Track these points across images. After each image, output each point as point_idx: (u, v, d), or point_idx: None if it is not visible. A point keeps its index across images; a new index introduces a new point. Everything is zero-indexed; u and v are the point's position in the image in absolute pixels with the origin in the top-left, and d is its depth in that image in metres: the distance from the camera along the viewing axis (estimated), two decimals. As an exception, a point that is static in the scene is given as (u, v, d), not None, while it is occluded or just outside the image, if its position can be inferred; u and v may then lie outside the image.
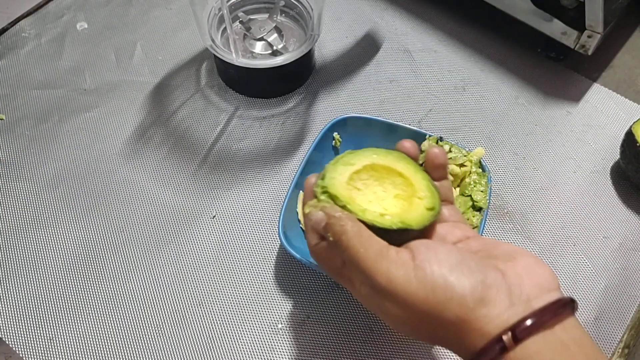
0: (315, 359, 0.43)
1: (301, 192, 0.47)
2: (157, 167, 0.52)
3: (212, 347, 0.43)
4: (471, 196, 0.46)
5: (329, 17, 0.63)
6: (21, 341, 0.43)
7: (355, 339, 0.44)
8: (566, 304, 0.28)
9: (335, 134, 0.50)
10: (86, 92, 0.57)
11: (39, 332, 0.44)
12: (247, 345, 0.44)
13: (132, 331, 0.44)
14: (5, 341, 0.43)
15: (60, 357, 0.43)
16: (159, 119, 0.56)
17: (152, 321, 0.44)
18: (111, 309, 0.45)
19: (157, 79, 0.58)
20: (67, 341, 0.44)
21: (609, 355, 0.44)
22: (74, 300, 0.45)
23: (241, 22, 0.56)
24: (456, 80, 0.59)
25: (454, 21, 0.63)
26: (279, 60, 0.52)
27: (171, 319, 0.45)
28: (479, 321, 0.28)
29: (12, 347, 0.43)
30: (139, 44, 0.61)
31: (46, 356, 0.43)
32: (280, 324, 0.45)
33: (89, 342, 0.44)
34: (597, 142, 0.55)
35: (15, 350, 0.43)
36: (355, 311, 0.45)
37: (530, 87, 0.58)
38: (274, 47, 0.55)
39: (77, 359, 0.43)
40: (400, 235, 0.32)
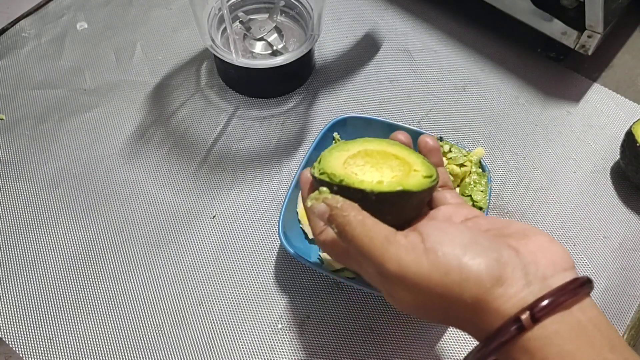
0: (315, 359, 0.43)
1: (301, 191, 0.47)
2: (157, 167, 0.52)
3: (212, 347, 0.43)
4: (471, 196, 0.46)
5: (329, 17, 0.63)
6: (21, 341, 0.43)
7: (355, 339, 0.44)
8: (583, 283, 0.27)
9: (335, 134, 0.50)
10: (86, 92, 0.57)
11: (39, 332, 0.44)
12: (247, 345, 0.44)
13: (132, 331, 0.44)
14: (5, 341, 0.43)
15: (60, 357, 0.43)
16: (159, 119, 0.56)
17: (152, 321, 0.44)
18: (111, 309, 0.45)
19: (157, 79, 0.58)
20: (67, 341, 0.44)
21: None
22: (74, 300, 0.45)
23: (241, 22, 0.56)
24: (456, 80, 0.59)
25: (454, 21, 0.63)
26: (279, 60, 0.52)
27: (171, 319, 0.45)
28: (496, 301, 0.27)
29: (12, 347, 0.43)
30: (139, 44, 0.61)
31: (46, 356, 0.43)
32: (280, 324, 0.45)
33: (89, 342, 0.44)
34: (597, 142, 0.55)
35: (15, 350, 0.43)
36: (355, 311, 0.45)
37: (530, 87, 0.58)
38: (274, 47, 0.55)
39: (77, 359, 0.43)
40: (400, 200, 0.31)
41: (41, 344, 0.43)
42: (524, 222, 0.49)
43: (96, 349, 0.43)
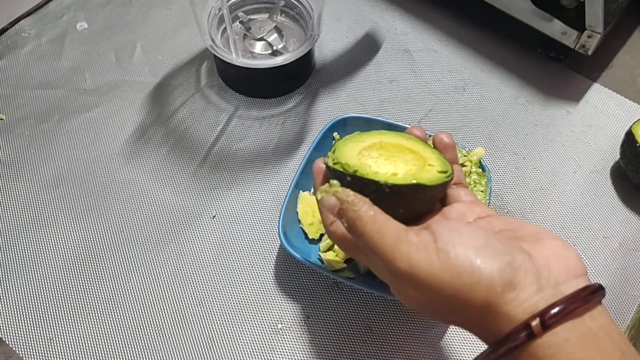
0: (315, 359, 0.43)
1: (301, 192, 0.47)
2: (157, 167, 0.52)
3: (212, 347, 0.43)
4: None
5: (329, 17, 0.63)
6: (21, 341, 0.43)
7: (355, 339, 0.44)
8: (595, 291, 0.27)
9: (335, 134, 0.50)
10: (86, 92, 0.57)
11: (39, 332, 0.44)
12: (247, 345, 0.44)
13: (132, 331, 0.44)
14: (5, 341, 0.43)
15: (60, 357, 0.43)
16: (158, 119, 0.56)
17: (152, 321, 0.44)
18: (111, 309, 0.45)
19: (157, 79, 0.58)
20: (67, 341, 0.44)
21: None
22: (74, 300, 0.45)
23: (241, 22, 0.56)
24: (456, 80, 0.59)
25: (454, 21, 0.63)
26: (279, 60, 0.52)
27: (171, 318, 0.45)
28: (506, 305, 0.27)
29: (12, 347, 0.43)
30: (139, 44, 0.61)
31: (46, 356, 0.43)
32: (280, 324, 0.45)
33: (89, 342, 0.44)
34: (597, 142, 0.55)
35: (15, 350, 0.43)
36: (355, 311, 0.45)
37: (530, 87, 0.58)
38: (274, 47, 0.55)
39: (77, 359, 0.43)
40: (414, 194, 0.31)
41: (41, 344, 0.43)
42: (525, 220, 0.49)
43: (96, 349, 0.43)
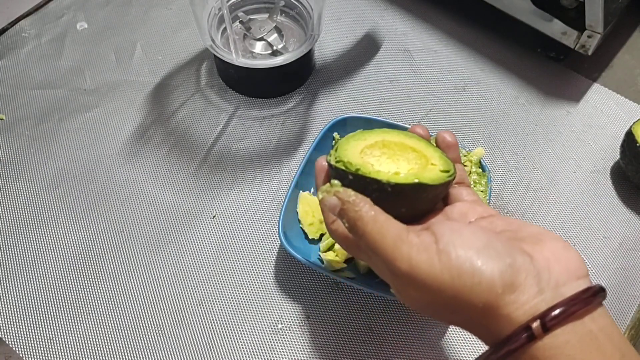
0: (315, 359, 0.43)
1: (301, 192, 0.47)
2: (157, 167, 0.52)
3: (212, 347, 0.43)
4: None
5: (329, 17, 0.63)
6: (21, 341, 0.43)
7: (355, 339, 0.44)
8: (596, 292, 0.27)
9: (335, 134, 0.50)
10: (86, 92, 0.57)
11: (39, 332, 0.44)
12: (247, 345, 0.44)
13: (132, 331, 0.44)
14: (5, 341, 0.43)
15: (60, 357, 0.43)
16: (158, 118, 0.56)
17: (152, 321, 0.44)
18: (111, 309, 0.45)
19: (157, 79, 0.58)
20: (67, 341, 0.44)
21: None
22: (74, 300, 0.45)
23: (241, 22, 0.56)
24: (456, 80, 0.59)
25: (454, 21, 0.63)
26: (279, 60, 0.52)
27: (171, 318, 0.45)
28: (507, 307, 0.27)
29: (12, 347, 0.43)
30: (139, 44, 0.61)
31: (46, 356, 0.43)
32: (280, 324, 0.45)
33: (89, 342, 0.44)
34: (597, 142, 0.55)
35: (15, 350, 0.43)
36: (355, 311, 0.45)
37: (530, 87, 0.58)
38: (274, 47, 0.55)
39: (77, 359, 0.43)
40: (416, 193, 0.31)
41: (41, 344, 0.43)
42: (525, 220, 0.49)
43: (96, 349, 0.43)
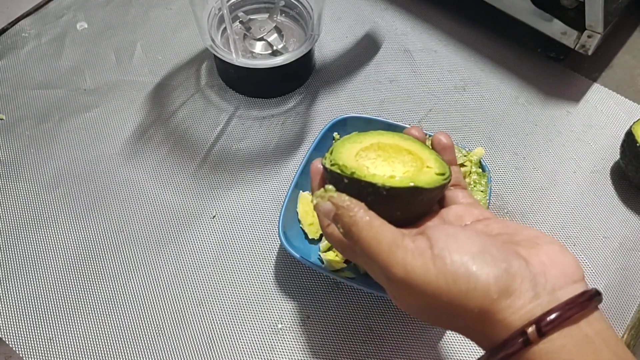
0: (315, 358, 0.43)
1: (301, 192, 0.47)
2: (157, 167, 0.52)
3: (212, 347, 0.43)
4: (471, 196, 0.46)
5: (329, 17, 0.63)
6: (21, 341, 0.43)
7: (355, 339, 0.44)
8: (592, 296, 0.27)
9: (335, 134, 0.50)
10: (86, 92, 0.57)
11: (39, 332, 0.44)
12: (247, 345, 0.44)
13: (132, 331, 0.44)
14: (5, 341, 0.43)
15: (60, 357, 0.43)
16: (158, 118, 0.56)
17: (152, 321, 0.45)
18: (111, 309, 0.45)
19: (157, 78, 0.58)
20: (67, 341, 0.44)
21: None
22: (74, 300, 0.45)
23: (241, 22, 0.56)
24: (456, 80, 0.59)
25: (454, 21, 0.63)
26: (279, 60, 0.52)
27: (171, 318, 0.45)
28: (502, 312, 0.27)
29: (12, 347, 0.43)
30: (139, 44, 0.61)
31: (46, 356, 0.43)
32: (280, 324, 0.45)
33: (89, 342, 0.44)
34: (597, 142, 0.55)
35: (15, 350, 0.43)
36: (355, 311, 0.45)
37: (530, 87, 0.58)
38: (274, 47, 0.55)
39: (77, 359, 0.43)
40: (411, 197, 0.31)
41: (41, 344, 0.43)
42: (526, 223, 0.49)
43: (96, 348, 0.43)
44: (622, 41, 0.62)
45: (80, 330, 0.44)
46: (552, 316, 0.26)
